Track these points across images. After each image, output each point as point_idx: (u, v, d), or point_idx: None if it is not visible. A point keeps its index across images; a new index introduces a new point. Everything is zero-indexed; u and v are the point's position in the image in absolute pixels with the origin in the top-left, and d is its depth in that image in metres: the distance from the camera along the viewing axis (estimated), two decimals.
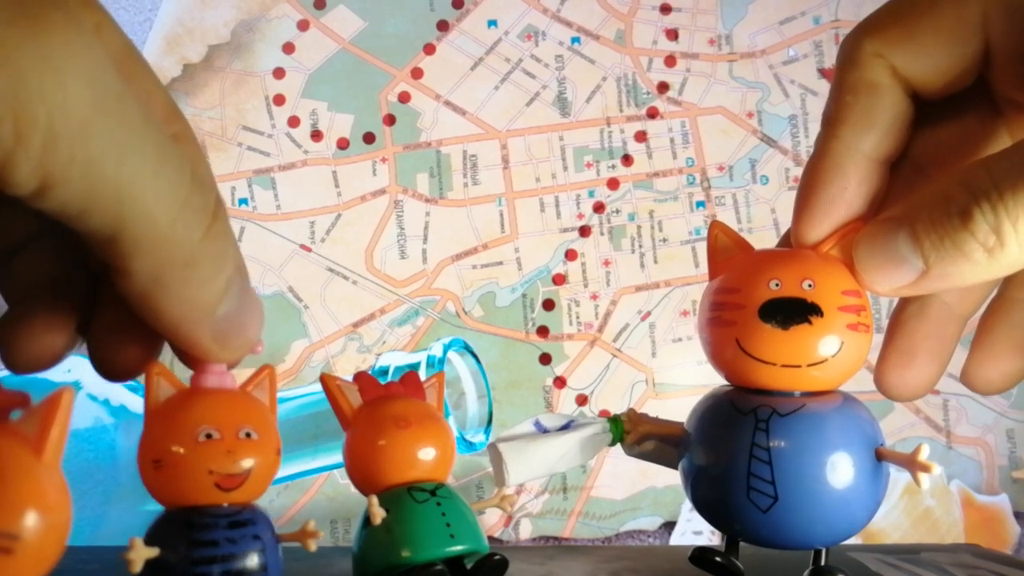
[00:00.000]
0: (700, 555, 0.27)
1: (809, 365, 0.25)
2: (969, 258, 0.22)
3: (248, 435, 0.22)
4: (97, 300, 0.23)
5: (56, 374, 0.24)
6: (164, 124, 0.22)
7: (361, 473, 0.26)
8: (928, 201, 0.23)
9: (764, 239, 0.58)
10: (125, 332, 0.22)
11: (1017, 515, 0.57)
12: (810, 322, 0.25)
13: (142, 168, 0.18)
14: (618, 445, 0.29)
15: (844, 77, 0.26)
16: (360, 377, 0.27)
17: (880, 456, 0.26)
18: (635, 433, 0.28)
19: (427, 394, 0.28)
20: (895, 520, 0.55)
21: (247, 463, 0.22)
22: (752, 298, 0.25)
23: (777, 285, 0.25)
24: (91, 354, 0.23)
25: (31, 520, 0.16)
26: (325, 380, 0.27)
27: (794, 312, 0.25)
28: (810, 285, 0.25)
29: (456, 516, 0.26)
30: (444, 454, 0.26)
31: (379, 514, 0.25)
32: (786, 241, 0.28)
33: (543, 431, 0.28)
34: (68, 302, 0.23)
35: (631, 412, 0.29)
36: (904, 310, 0.28)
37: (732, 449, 0.26)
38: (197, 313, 0.21)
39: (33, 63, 0.15)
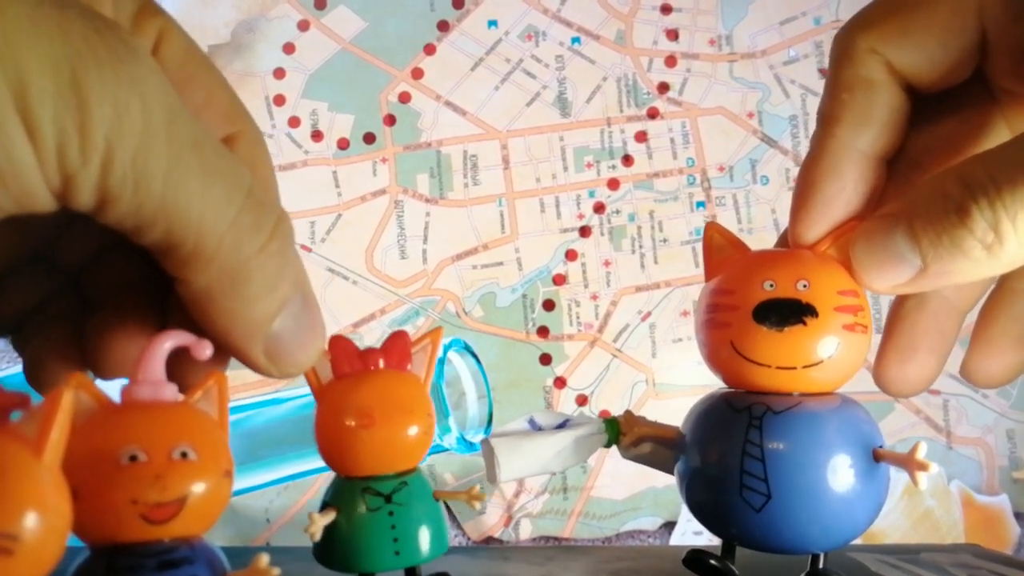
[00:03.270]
0: (695, 558, 0.27)
1: (805, 366, 0.25)
2: (968, 255, 0.22)
3: (184, 455, 0.19)
4: (170, 305, 0.23)
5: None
6: (225, 124, 0.24)
7: (326, 454, 0.25)
8: (926, 197, 0.23)
9: (764, 239, 0.58)
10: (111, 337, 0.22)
11: (1017, 515, 0.57)
12: (804, 323, 0.24)
13: (189, 187, 0.19)
14: (614, 447, 0.29)
15: (839, 74, 0.25)
16: (334, 343, 0.24)
17: (878, 457, 0.25)
18: (631, 435, 0.28)
19: (415, 360, 0.25)
20: (895, 520, 0.55)
21: (181, 489, 0.19)
22: (746, 299, 0.25)
23: (771, 286, 0.25)
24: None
25: (31, 521, 0.16)
26: None
27: (788, 313, 0.24)
28: (805, 285, 0.25)
29: (407, 527, 0.24)
30: (414, 444, 0.24)
31: (318, 529, 0.24)
32: (784, 241, 0.28)
33: (537, 429, 0.28)
34: (153, 305, 0.23)
35: (627, 414, 0.29)
36: (903, 305, 0.28)
37: (725, 447, 0.25)
38: (246, 328, 0.21)
39: (96, 92, 0.17)
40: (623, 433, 0.28)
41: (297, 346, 0.22)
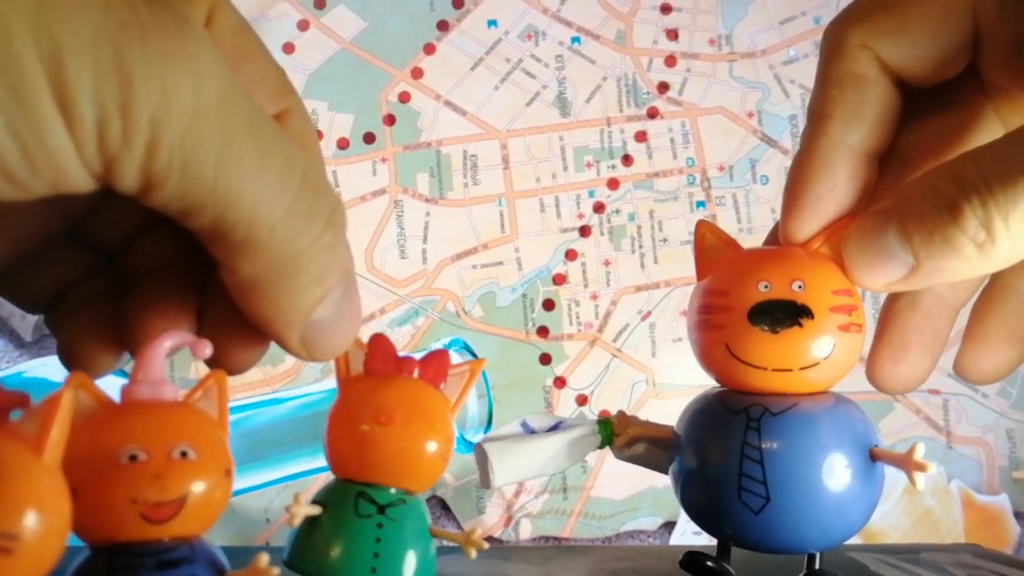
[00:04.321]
0: (691, 560, 0.26)
1: (801, 368, 0.25)
2: (959, 254, 0.22)
3: (184, 455, 0.19)
4: (208, 288, 0.23)
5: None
6: (275, 101, 0.23)
7: (330, 449, 0.24)
8: (918, 195, 0.23)
9: (764, 239, 0.58)
10: (235, 324, 0.21)
11: (1017, 515, 0.57)
12: (800, 325, 0.24)
13: (241, 172, 0.18)
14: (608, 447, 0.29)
15: (829, 70, 0.25)
16: (375, 340, 0.24)
17: (874, 457, 0.25)
18: (624, 436, 0.28)
19: (451, 383, 0.24)
20: (895, 520, 0.55)
21: (181, 489, 0.19)
22: (741, 301, 0.25)
23: (766, 287, 0.25)
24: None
25: (31, 520, 0.16)
26: None
27: (784, 315, 0.24)
28: (800, 286, 0.25)
29: (392, 546, 0.22)
30: (425, 463, 0.23)
31: (299, 514, 0.22)
32: (774, 237, 0.27)
33: (530, 432, 0.28)
34: (191, 284, 0.23)
35: (621, 415, 0.28)
36: (895, 302, 0.28)
37: (723, 449, 0.25)
38: (289, 318, 0.20)
39: (141, 68, 0.16)
40: (616, 434, 0.28)
41: (333, 334, 0.21)
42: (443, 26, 0.59)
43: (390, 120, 0.58)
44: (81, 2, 0.16)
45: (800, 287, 0.25)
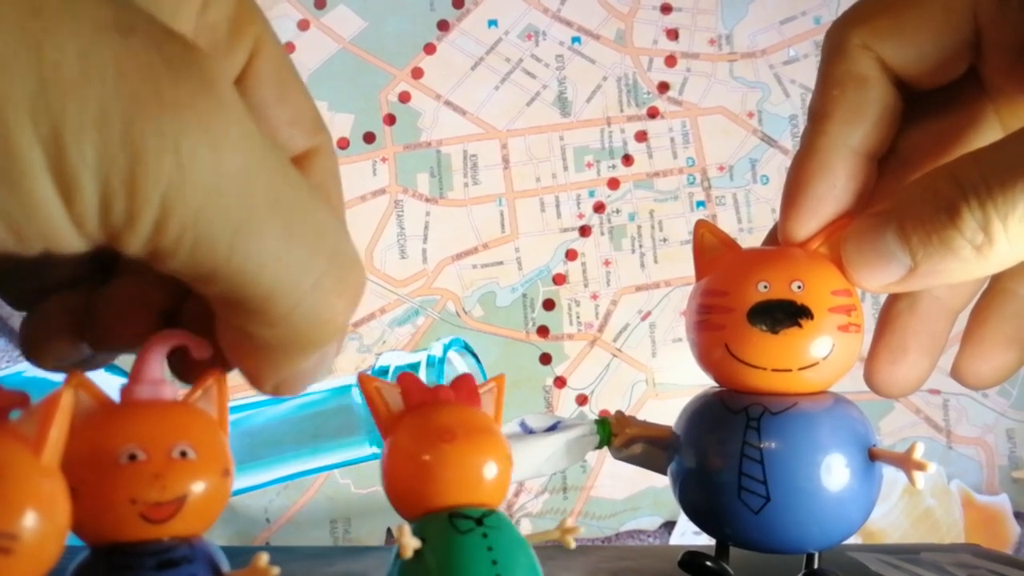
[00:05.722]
0: (690, 559, 0.26)
1: (800, 368, 0.25)
2: (957, 255, 0.22)
3: (184, 454, 0.19)
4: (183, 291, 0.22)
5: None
6: (307, 138, 0.22)
7: (398, 491, 0.23)
8: (916, 196, 0.23)
9: (764, 239, 0.58)
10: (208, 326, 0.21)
11: (1017, 515, 0.57)
12: (800, 325, 0.24)
13: (262, 248, 0.17)
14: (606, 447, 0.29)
15: (830, 70, 0.25)
16: (404, 378, 0.24)
17: (874, 456, 0.25)
18: (622, 436, 0.28)
19: (483, 401, 0.24)
20: (895, 520, 0.55)
21: (180, 488, 0.19)
22: (740, 301, 0.25)
23: (765, 287, 0.25)
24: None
25: (30, 520, 0.16)
26: (363, 381, 0.23)
27: (783, 316, 0.24)
28: (799, 287, 0.25)
29: (505, 551, 0.21)
30: (496, 474, 0.22)
31: (410, 546, 0.21)
32: (774, 238, 0.27)
33: (529, 432, 0.28)
34: (162, 285, 0.22)
35: (619, 415, 0.28)
36: (894, 305, 0.28)
37: (723, 449, 0.25)
38: (279, 375, 0.20)
39: (153, 142, 0.15)
40: (614, 434, 0.28)
41: (306, 382, 0.21)
42: (443, 26, 0.59)
43: (390, 120, 0.58)
44: (90, 76, 0.15)
45: (799, 287, 0.25)
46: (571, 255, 0.58)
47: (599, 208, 0.58)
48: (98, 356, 0.23)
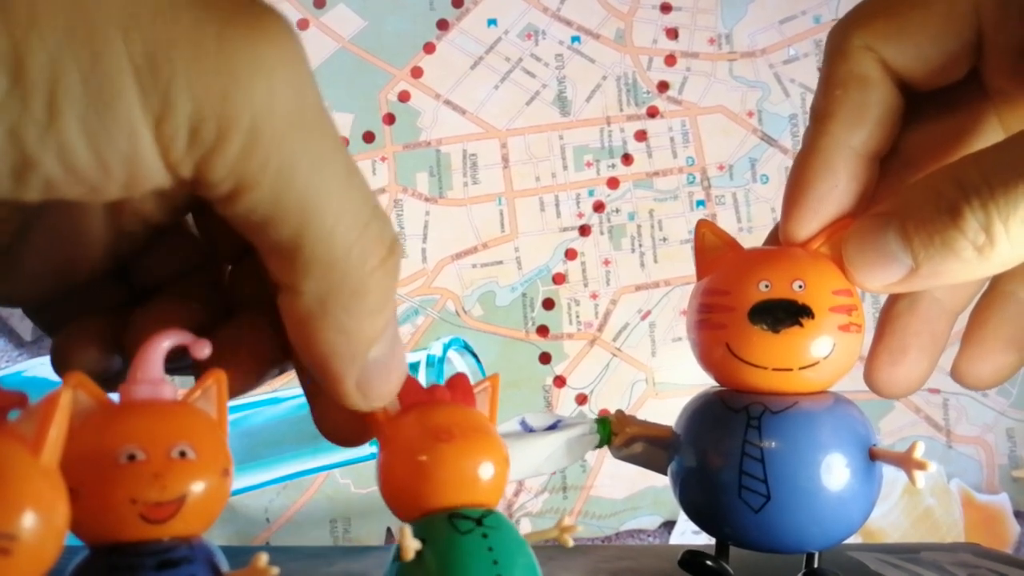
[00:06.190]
0: (690, 559, 0.26)
1: (801, 368, 0.25)
2: (959, 256, 0.22)
3: (183, 454, 0.19)
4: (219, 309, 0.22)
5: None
6: None
7: (396, 493, 0.23)
8: (918, 197, 0.23)
9: (764, 239, 0.58)
10: (241, 349, 0.21)
11: (1017, 514, 0.57)
12: (801, 324, 0.24)
13: (331, 184, 0.18)
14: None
15: (833, 70, 0.25)
16: None
17: (874, 456, 0.25)
18: (622, 435, 0.28)
19: (478, 400, 0.24)
20: (895, 520, 0.55)
21: (180, 488, 0.19)
22: (741, 300, 0.25)
23: (767, 286, 0.25)
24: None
25: (29, 520, 0.16)
26: None
27: (784, 315, 0.24)
28: (801, 286, 0.25)
29: (505, 551, 0.21)
30: (494, 474, 0.22)
31: (411, 547, 0.21)
32: (774, 237, 0.28)
33: (529, 430, 0.28)
34: (198, 304, 0.22)
35: (619, 414, 0.28)
36: (894, 305, 0.28)
37: (724, 448, 0.25)
38: (352, 348, 0.20)
39: (247, 65, 0.16)
40: (614, 433, 0.28)
41: (388, 376, 0.21)
42: (443, 25, 0.58)
43: (390, 119, 0.58)
44: (179, 1, 0.15)
45: (800, 287, 0.25)
46: (571, 254, 0.58)
47: (599, 207, 0.58)
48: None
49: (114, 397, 0.20)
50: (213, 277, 0.24)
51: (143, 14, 0.15)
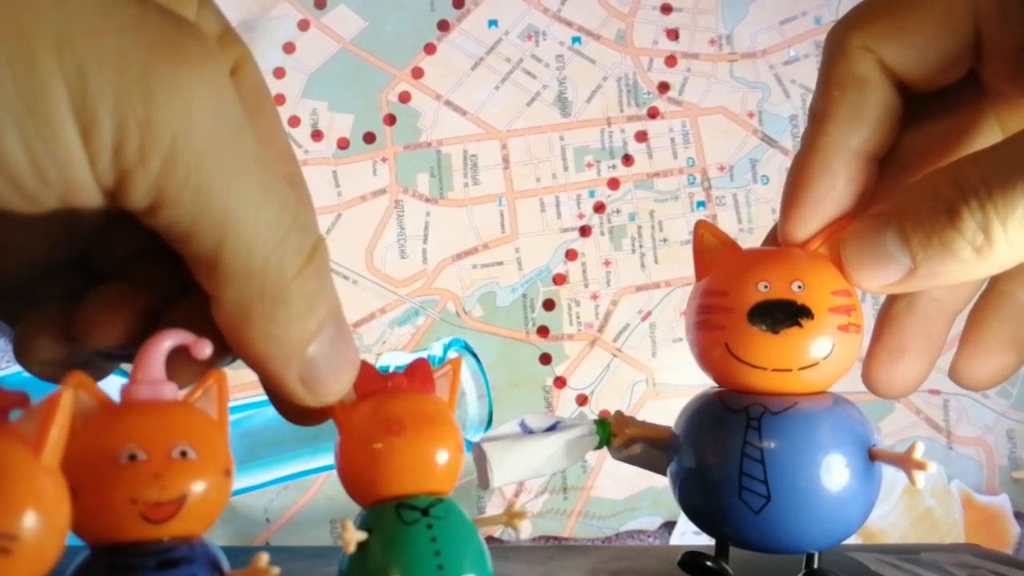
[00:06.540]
0: (690, 560, 0.27)
1: (800, 368, 0.25)
2: (957, 257, 0.22)
3: (184, 454, 0.19)
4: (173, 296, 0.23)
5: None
6: (279, 164, 0.23)
7: (349, 481, 0.23)
8: (916, 197, 0.23)
9: (764, 240, 0.58)
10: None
11: (1017, 515, 0.57)
12: (800, 325, 0.24)
13: (246, 202, 0.18)
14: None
15: (831, 71, 0.25)
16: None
17: (874, 456, 0.25)
18: (622, 436, 0.28)
19: (438, 385, 0.24)
20: (895, 520, 0.55)
21: (180, 488, 0.19)
22: (740, 301, 0.25)
23: (766, 287, 0.25)
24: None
25: (30, 520, 0.16)
26: None
27: (784, 315, 0.24)
28: (800, 287, 0.25)
29: (449, 542, 0.22)
30: (447, 461, 0.23)
31: (352, 540, 0.21)
32: (773, 238, 0.28)
33: (528, 432, 0.28)
34: (146, 286, 0.23)
35: (619, 415, 0.28)
36: (892, 306, 0.28)
37: (724, 449, 0.25)
38: (283, 352, 0.20)
39: (167, 88, 0.17)
40: (614, 434, 0.28)
41: (333, 372, 0.21)
42: (443, 26, 0.59)
43: (390, 120, 0.58)
44: (110, 25, 0.16)
45: (800, 287, 0.25)
46: (571, 255, 0.58)
47: (599, 208, 0.58)
48: (97, 363, 0.23)
49: (115, 397, 0.20)
50: (171, 261, 0.24)
51: (76, 32, 0.16)
